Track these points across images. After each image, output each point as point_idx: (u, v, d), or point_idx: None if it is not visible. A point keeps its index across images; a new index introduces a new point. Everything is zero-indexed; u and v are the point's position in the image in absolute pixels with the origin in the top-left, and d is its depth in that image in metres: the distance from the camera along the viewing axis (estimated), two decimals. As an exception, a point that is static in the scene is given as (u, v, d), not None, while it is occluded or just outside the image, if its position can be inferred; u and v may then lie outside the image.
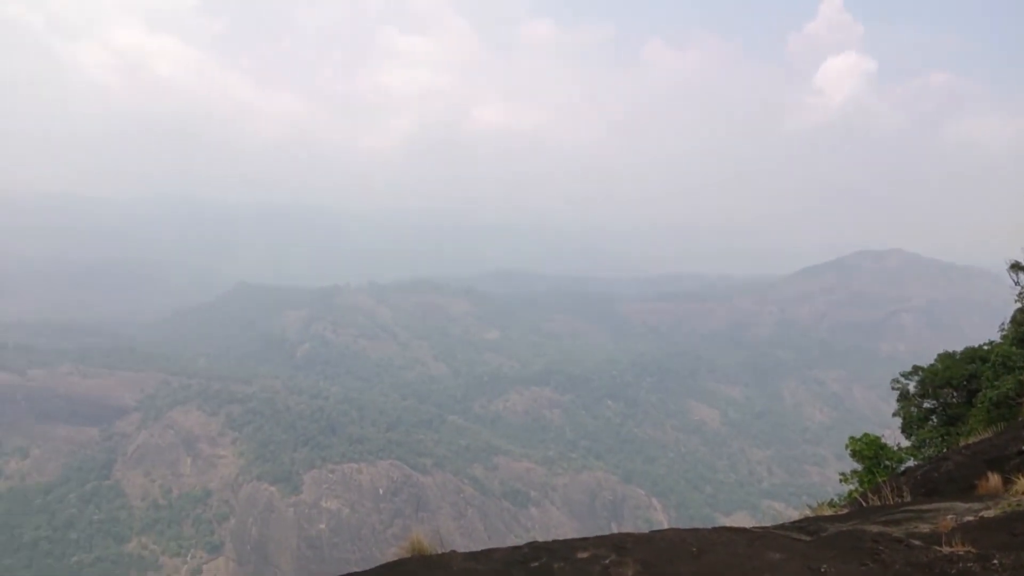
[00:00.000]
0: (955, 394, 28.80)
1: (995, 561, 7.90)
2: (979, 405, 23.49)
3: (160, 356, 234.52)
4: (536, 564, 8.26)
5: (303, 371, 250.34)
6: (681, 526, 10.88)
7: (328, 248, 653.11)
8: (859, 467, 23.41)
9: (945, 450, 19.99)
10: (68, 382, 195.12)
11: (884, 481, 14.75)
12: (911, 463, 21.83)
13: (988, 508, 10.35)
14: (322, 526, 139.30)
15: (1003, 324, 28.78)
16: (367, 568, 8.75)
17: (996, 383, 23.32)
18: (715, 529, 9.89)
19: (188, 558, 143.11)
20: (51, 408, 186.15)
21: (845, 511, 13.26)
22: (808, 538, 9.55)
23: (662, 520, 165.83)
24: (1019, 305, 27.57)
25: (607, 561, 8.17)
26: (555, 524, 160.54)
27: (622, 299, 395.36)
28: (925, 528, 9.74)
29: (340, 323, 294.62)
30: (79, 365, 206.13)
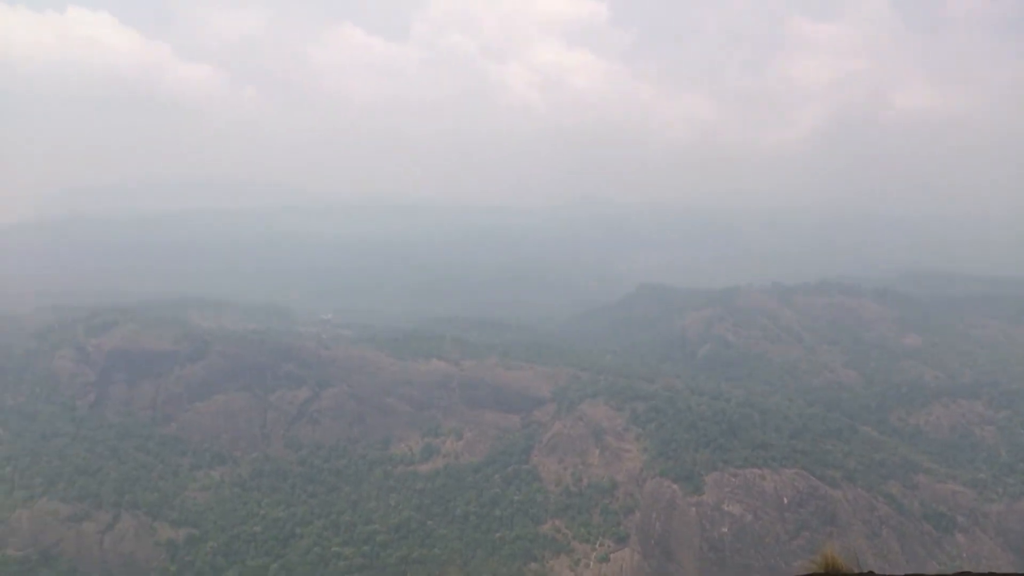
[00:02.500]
0: None
1: None
2: None
3: (571, 352, 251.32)
4: (967, 597, 7.77)
5: (704, 372, 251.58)
6: None
7: (730, 248, 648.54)
8: None
9: None
10: (494, 373, 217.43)
11: None
12: None
13: None
14: (724, 529, 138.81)
15: None
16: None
17: None
18: None
19: (596, 545, 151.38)
20: (480, 395, 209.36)
21: None
22: None
23: None
24: None
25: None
26: (987, 555, 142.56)
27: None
28: None
29: (742, 324, 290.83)
30: (503, 358, 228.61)
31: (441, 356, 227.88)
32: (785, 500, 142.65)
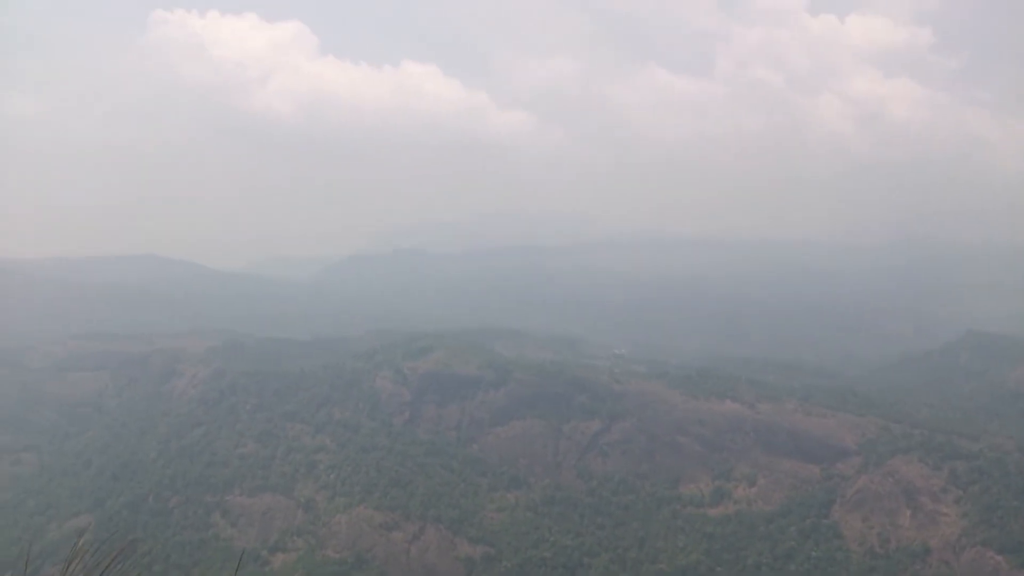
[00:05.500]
0: None
1: None
2: None
3: (881, 402, 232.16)
4: None
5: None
6: None
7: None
8: None
9: None
10: (792, 419, 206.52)
11: None
12: None
13: None
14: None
15: None
16: None
17: None
18: None
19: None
20: (776, 441, 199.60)
21: None
22: None
23: None
24: None
25: None
26: None
27: None
28: None
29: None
30: (803, 403, 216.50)
31: (735, 397, 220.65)
32: None
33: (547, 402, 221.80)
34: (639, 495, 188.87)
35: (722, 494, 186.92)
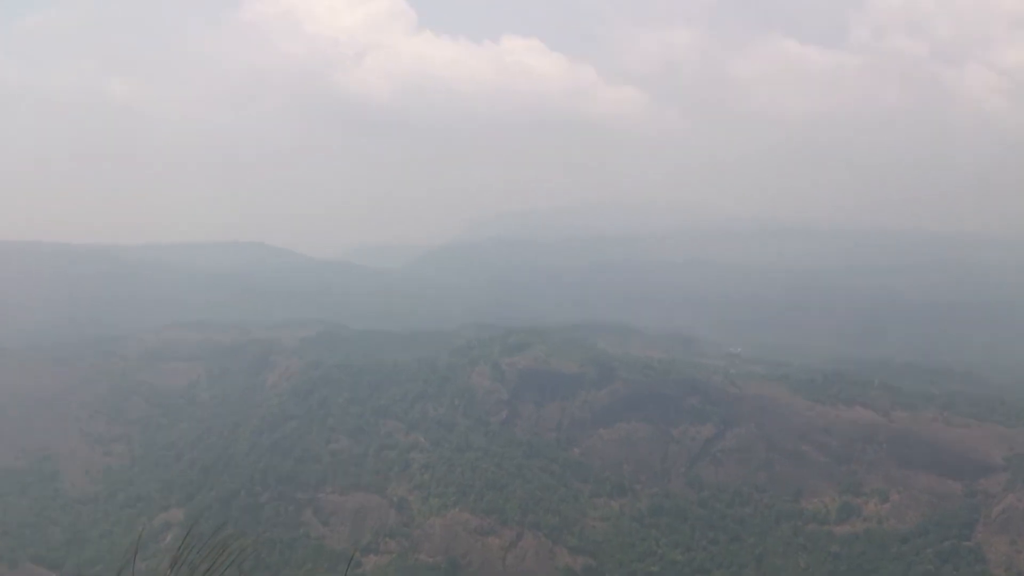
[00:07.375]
0: None
1: None
2: None
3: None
4: None
5: None
6: None
7: None
8: None
9: None
10: (931, 429, 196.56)
11: None
12: None
13: None
14: None
15: None
16: None
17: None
18: None
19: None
20: (912, 454, 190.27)
21: None
22: None
23: None
24: None
25: None
26: None
27: None
28: None
29: None
30: (944, 412, 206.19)
31: (867, 404, 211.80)
32: None
33: (655, 404, 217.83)
34: (756, 508, 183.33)
35: (850, 510, 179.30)
